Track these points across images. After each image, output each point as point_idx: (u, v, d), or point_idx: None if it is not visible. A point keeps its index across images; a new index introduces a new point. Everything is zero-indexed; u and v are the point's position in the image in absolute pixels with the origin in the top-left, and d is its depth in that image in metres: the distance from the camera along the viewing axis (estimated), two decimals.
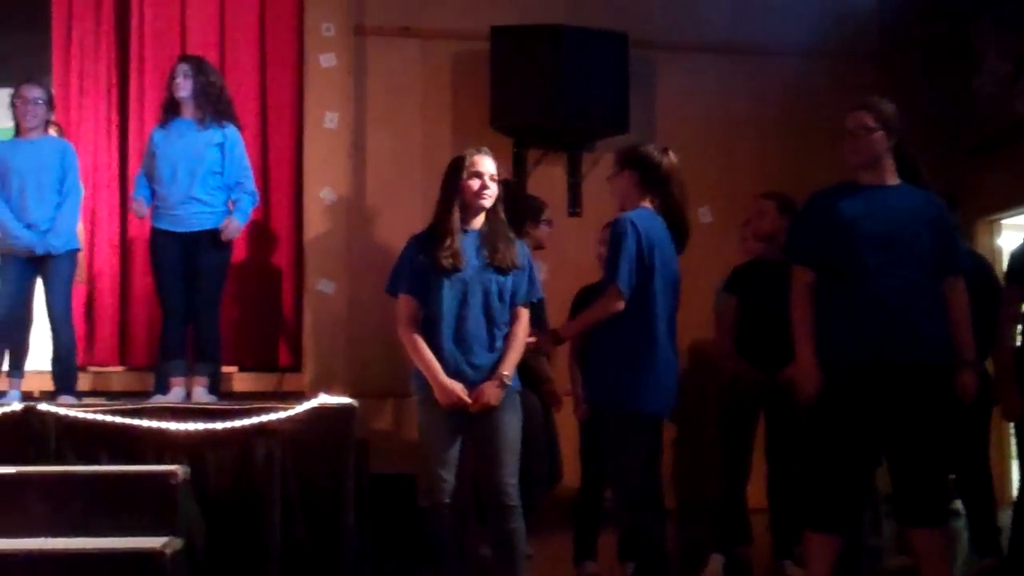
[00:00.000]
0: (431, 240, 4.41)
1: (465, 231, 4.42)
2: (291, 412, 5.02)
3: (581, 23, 7.23)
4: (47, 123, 6.07)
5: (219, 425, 4.94)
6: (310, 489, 5.01)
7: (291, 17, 7.38)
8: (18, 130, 6.01)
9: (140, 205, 6.04)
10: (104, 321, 7.30)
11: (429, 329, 4.38)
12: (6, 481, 4.63)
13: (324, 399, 5.19)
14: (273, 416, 5.00)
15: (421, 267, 4.38)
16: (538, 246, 5.72)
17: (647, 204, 4.55)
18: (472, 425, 4.36)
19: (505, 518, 4.34)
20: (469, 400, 4.29)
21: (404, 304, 4.42)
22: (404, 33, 7.39)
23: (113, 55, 7.44)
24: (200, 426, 4.94)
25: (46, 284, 5.87)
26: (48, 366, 6.04)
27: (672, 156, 4.59)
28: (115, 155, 7.38)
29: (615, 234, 4.44)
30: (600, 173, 7.35)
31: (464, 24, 7.38)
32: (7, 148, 5.97)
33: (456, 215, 4.40)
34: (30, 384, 6.34)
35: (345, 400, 5.21)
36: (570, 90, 7.04)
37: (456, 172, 4.45)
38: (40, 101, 5.94)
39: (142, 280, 7.07)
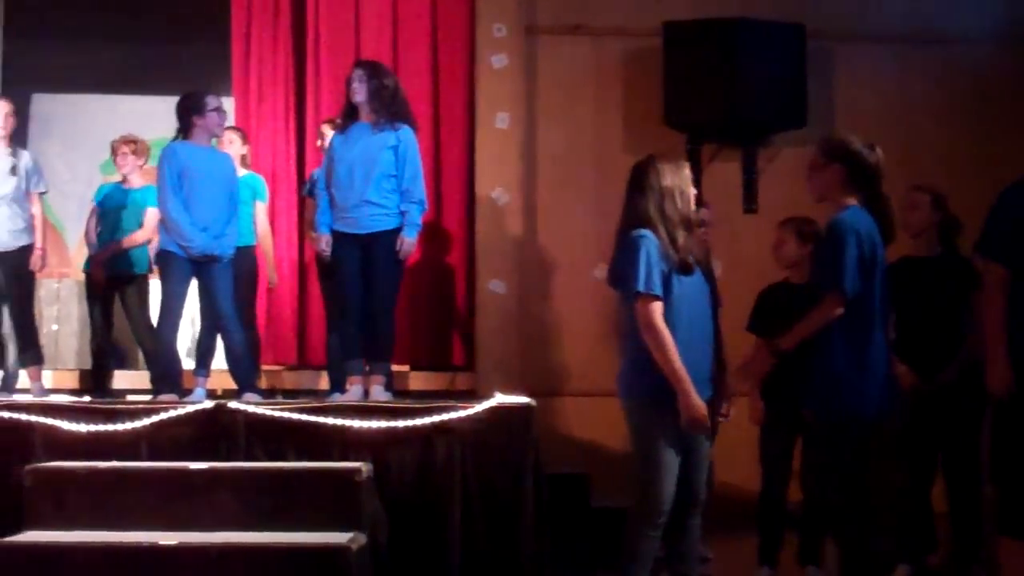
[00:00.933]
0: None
1: None
2: (471, 411, 5.02)
3: (755, 15, 7.09)
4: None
5: (400, 423, 4.98)
6: (489, 488, 5.01)
7: (463, 19, 7.44)
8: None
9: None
10: (282, 321, 7.49)
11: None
12: (199, 476, 4.76)
13: (503, 398, 5.19)
14: (453, 415, 5.01)
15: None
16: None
17: (853, 201, 4.39)
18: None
19: (693, 513, 4.32)
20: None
21: (657, 305, 4.21)
22: (575, 31, 7.36)
23: (290, 61, 7.63)
24: (382, 424, 4.98)
25: (210, 286, 5.97)
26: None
27: (880, 153, 4.43)
28: (292, 159, 7.57)
29: (835, 237, 4.29)
30: (777, 168, 7.22)
31: (636, 20, 7.32)
32: (186, 153, 6.14)
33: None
34: (215, 383, 6.57)
35: (524, 399, 5.19)
36: (746, 84, 6.92)
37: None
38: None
39: (318, 281, 7.22)
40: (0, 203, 6.34)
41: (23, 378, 6.66)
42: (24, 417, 5.02)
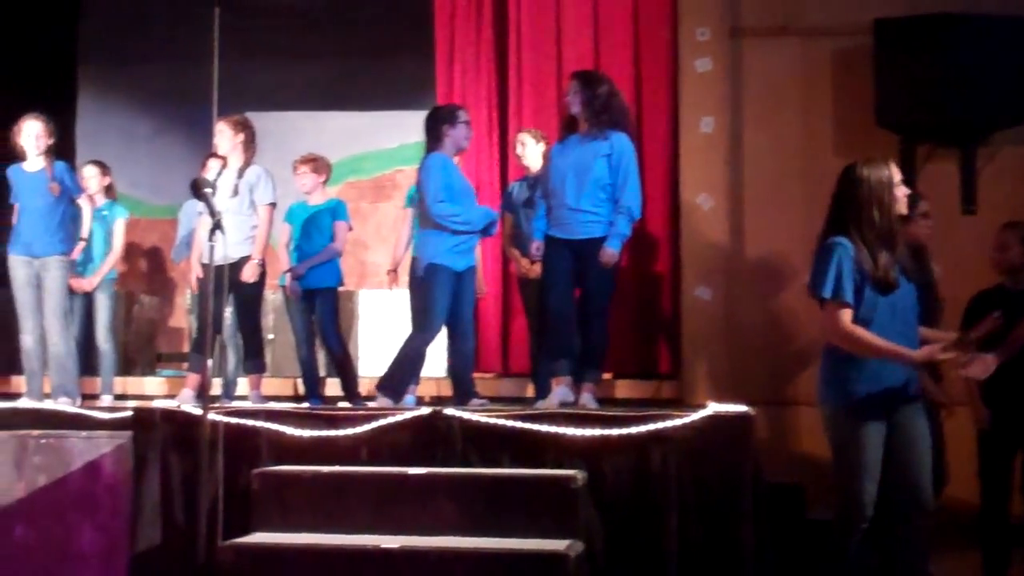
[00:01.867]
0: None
1: None
2: (688, 419, 4.96)
3: (971, 10, 6.80)
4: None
5: (615, 432, 4.95)
6: (707, 498, 4.93)
7: (665, 24, 7.38)
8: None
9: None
10: (487, 330, 7.57)
11: None
12: (417, 481, 4.84)
13: (719, 407, 5.11)
14: (669, 423, 4.95)
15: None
16: (916, 242, 5.31)
17: None
18: (891, 433, 4.16)
19: (921, 516, 4.23)
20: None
21: (845, 312, 4.18)
22: (782, 32, 7.20)
23: (492, 72, 7.73)
24: (597, 432, 4.97)
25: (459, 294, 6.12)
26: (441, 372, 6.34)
27: None
28: (496, 170, 7.65)
29: None
30: (997, 167, 6.91)
31: (845, 19, 7.09)
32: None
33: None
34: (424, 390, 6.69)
35: (742, 408, 5.09)
36: (963, 81, 6.62)
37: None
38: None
39: (519, 291, 7.28)
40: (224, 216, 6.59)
41: (242, 385, 6.93)
42: (250, 423, 5.20)
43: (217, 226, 4.62)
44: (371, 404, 5.83)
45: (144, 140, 10.30)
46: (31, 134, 6.67)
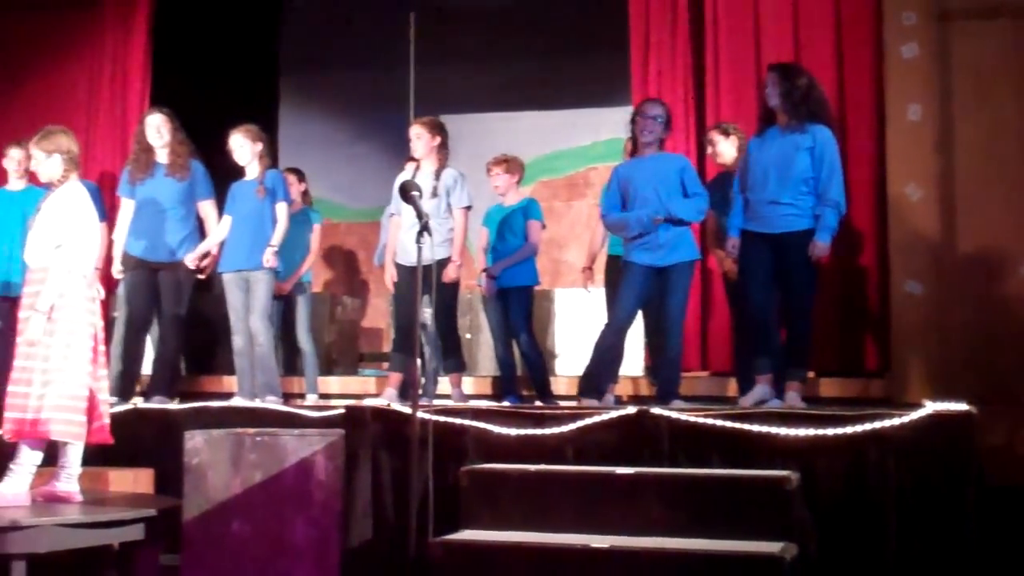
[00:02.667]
0: None
1: None
2: (906, 419, 4.77)
3: None
4: (660, 141, 6.27)
5: (830, 431, 4.81)
6: (927, 499, 4.73)
7: (868, 9, 7.14)
8: (635, 147, 6.27)
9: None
10: (687, 327, 7.45)
11: None
12: (624, 481, 4.79)
13: (938, 405, 4.90)
14: (887, 423, 4.77)
15: None
16: None
17: None
18: None
19: None
20: None
21: None
22: (992, 14, 6.85)
23: (689, 68, 7.62)
24: (811, 432, 4.83)
25: (667, 290, 6.08)
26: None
27: None
28: (693, 162, 7.51)
29: None
30: None
31: None
32: (629, 167, 6.26)
33: None
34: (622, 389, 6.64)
35: (962, 406, 4.88)
36: None
37: None
38: (659, 119, 6.16)
39: (720, 284, 7.15)
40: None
41: (443, 384, 7.02)
42: (458, 421, 5.25)
43: (425, 228, 4.68)
44: (563, 404, 5.82)
45: (343, 146, 10.56)
46: (235, 146, 6.93)
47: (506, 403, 6.35)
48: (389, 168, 9.27)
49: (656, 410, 5.13)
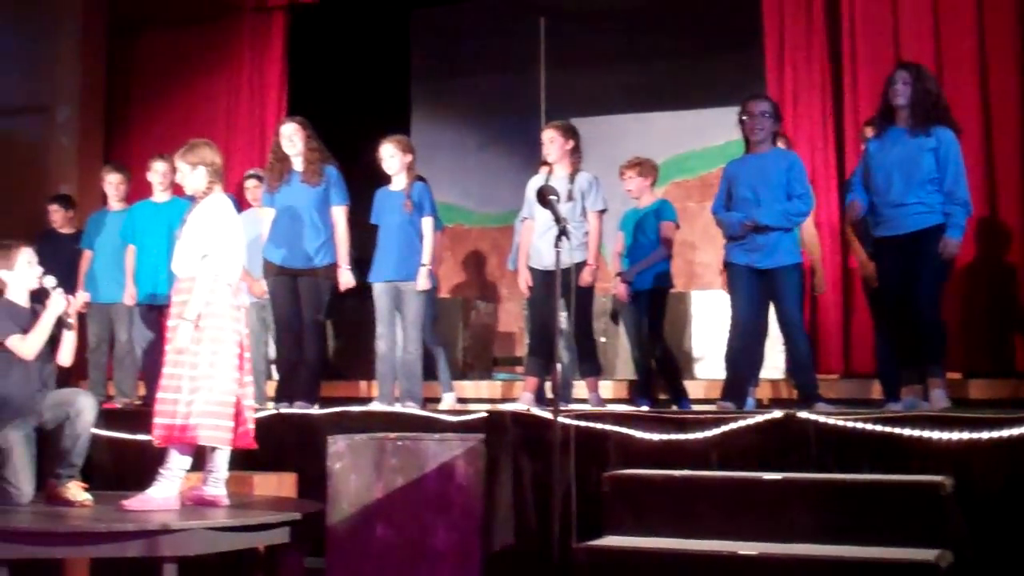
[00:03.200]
0: None
1: None
2: None
3: None
4: (775, 136, 6.18)
5: (985, 435, 4.65)
6: None
7: (1011, 9, 6.93)
8: (747, 145, 6.18)
9: (854, 208, 5.96)
10: (827, 330, 7.32)
11: None
12: (771, 486, 4.70)
13: None
14: None
15: None
16: None
17: None
18: None
19: None
20: None
21: None
22: None
23: (825, 65, 7.51)
24: (965, 435, 4.67)
25: (776, 295, 5.98)
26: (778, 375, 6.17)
27: None
28: (832, 161, 7.39)
29: None
30: None
31: None
32: (736, 166, 6.18)
33: None
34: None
35: None
36: None
37: None
38: (767, 115, 6.06)
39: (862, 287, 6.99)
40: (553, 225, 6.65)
41: (579, 388, 6.99)
42: (599, 426, 5.21)
43: (563, 232, 4.66)
44: (700, 407, 5.74)
45: (473, 151, 10.62)
46: (385, 156, 7.01)
47: (644, 407, 6.29)
48: (519, 172, 9.28)
49: (803, 414, 5.02)
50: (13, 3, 10.47)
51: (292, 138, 7.15)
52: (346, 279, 7.11)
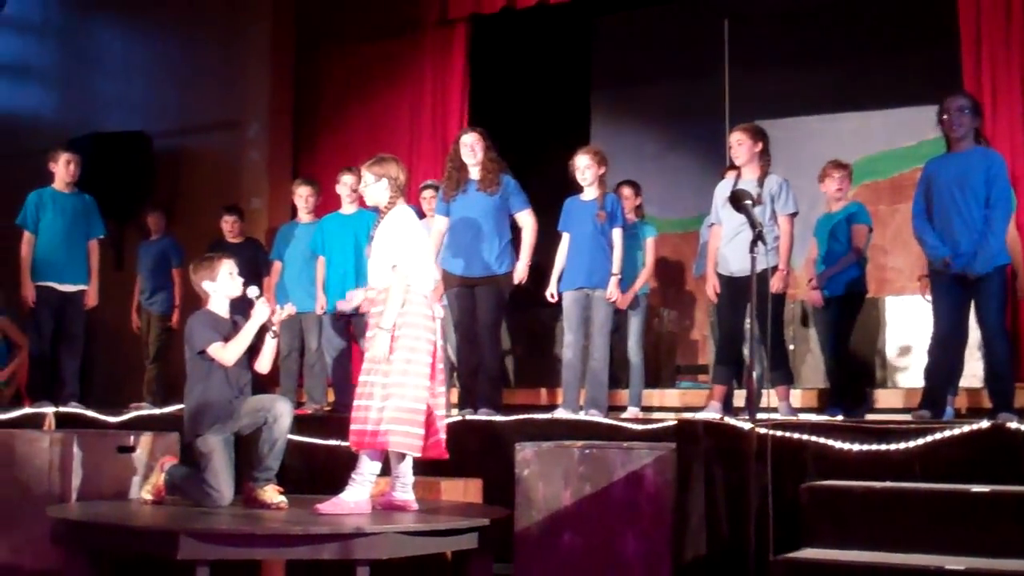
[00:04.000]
0: None
1: None
2: None
3: None
4: (975, 132, 5.93)
5: None
6: None
7: None
8: (948, 144, 5.96)
9: None
10: None
11: None
12: (980, 499, 4.48)
13: None
14: None
15: None
16: None
17: None
18: None
19: None
20: None
21: None
22: None
23: None
24: None
25: (978, 299, 5.77)
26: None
27: None
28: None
29: None
30: None
31: None
32: (936, 164, 5.96)
33: None
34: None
35: None
36: None
37: None
38: (966, 110, 5.83)
39: None
40: (742, 230, 6.52)
41: (769, 398, 6.82)
42: (795, 435, 5.06)
43: (759, 237, 4.55)
44: (896, 417, 5.53)
45: (653, 158, 10.53)
46: (580, 166, 7.00)
47: (839, 416, 6.10)
48: (701, 177, 9.18)
49: (1012, 424, 4.78)
50: (206, 25, 10.88)
51: (473, 147, 7.21)
52: (522, 272, 7.11)
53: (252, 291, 5.92)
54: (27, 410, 7.31)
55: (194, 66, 11.06)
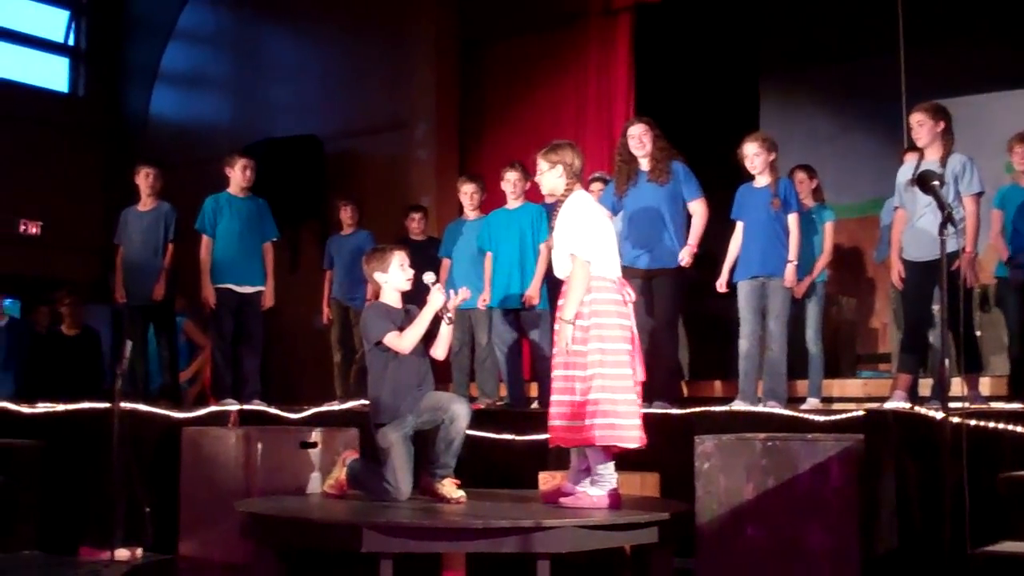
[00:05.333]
0: None
1: None
2: None
3: None
4: None
5: None
6: None
7: None
8: None
9: None
10: None
11: None
12: None
13: None
14: None
15: None
16: None
17: None
18: None
19: None
20: None
21: None
22: None
23: None
24: None
25: None
26: None
27: None
28: None
29: None
30: None
31: None
32: None
33: None
34: None
35: None
36: None
37: None
38: None
39: None
40: (925, 213, 6.27)
41: (956, 385, 6.55)
42: (991, 424, 4.84)
43: (949, 219, 4.35)
44: None
45: (826, 140, 10.23)
46: (749, 154, 6.88)
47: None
48: (878, 160, 8.89)
49: None
50: (372, 29, 11.07)
51: (641, 139, 7.13)
52: (686, 257, 7.02)
53: (428, 277, 5.94)
54: (212, 408, 7.52)
55: (361, 69, 11.27)
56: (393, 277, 5.99)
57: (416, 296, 6.00)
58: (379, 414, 5.83)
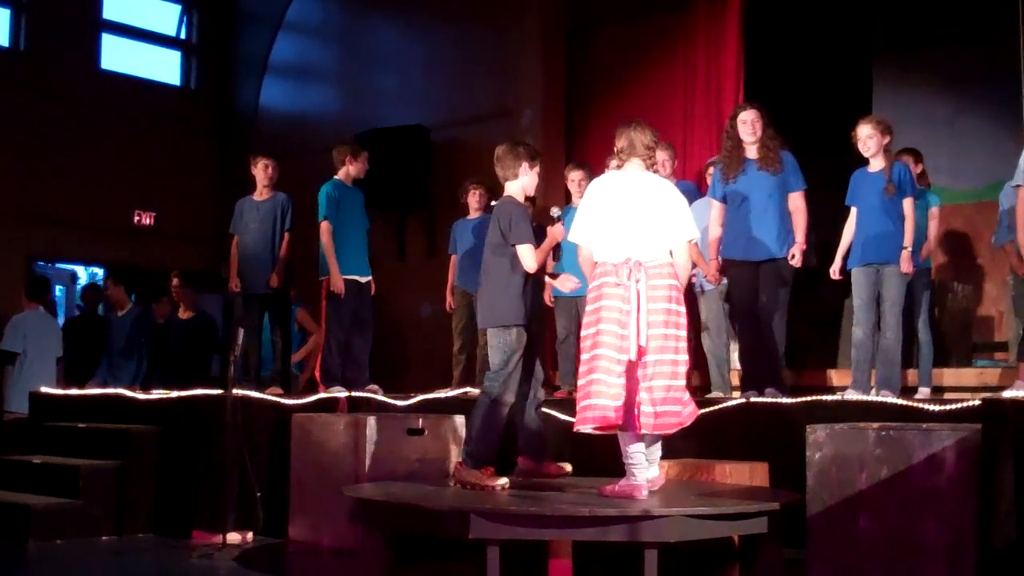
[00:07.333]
0: None
1: None
2: None
3: None
4: None
5: None
6: None
7: None
8: None
9: None
10: None
11: None
12: None
13: None
14: None
15: None
16: None
17: None
18: None
19: None
20: None
21: None
22: None
23: None
24: None
25: None
26: None
27: None
28: None
29: None
30: None
31: None
32: None
33: None
34: None
35: None
36: None
37: None
38: None
39: None
40: None
41: None
42: None
43: None
44: None
45: (942, 123, 9.96)
46: (863, 136, 6.79)
47: None
48: (994, 143, 8.65)
49: None
50: (478, 17, 11.09)
51: (753, 125, 7.03)
52: (799, 259, 6.88)
53: (555, 211, 5.99)
54: (322, 395, 7.61)
55: (468, 58, 11.30)
56: (528, 180, 6.09)
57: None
58: (498, 311, 5.85)
